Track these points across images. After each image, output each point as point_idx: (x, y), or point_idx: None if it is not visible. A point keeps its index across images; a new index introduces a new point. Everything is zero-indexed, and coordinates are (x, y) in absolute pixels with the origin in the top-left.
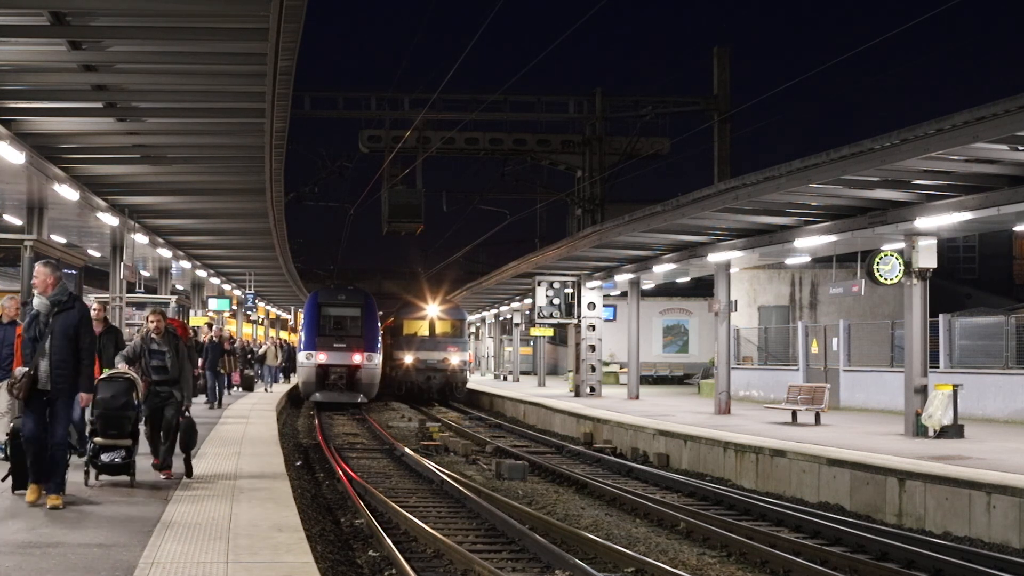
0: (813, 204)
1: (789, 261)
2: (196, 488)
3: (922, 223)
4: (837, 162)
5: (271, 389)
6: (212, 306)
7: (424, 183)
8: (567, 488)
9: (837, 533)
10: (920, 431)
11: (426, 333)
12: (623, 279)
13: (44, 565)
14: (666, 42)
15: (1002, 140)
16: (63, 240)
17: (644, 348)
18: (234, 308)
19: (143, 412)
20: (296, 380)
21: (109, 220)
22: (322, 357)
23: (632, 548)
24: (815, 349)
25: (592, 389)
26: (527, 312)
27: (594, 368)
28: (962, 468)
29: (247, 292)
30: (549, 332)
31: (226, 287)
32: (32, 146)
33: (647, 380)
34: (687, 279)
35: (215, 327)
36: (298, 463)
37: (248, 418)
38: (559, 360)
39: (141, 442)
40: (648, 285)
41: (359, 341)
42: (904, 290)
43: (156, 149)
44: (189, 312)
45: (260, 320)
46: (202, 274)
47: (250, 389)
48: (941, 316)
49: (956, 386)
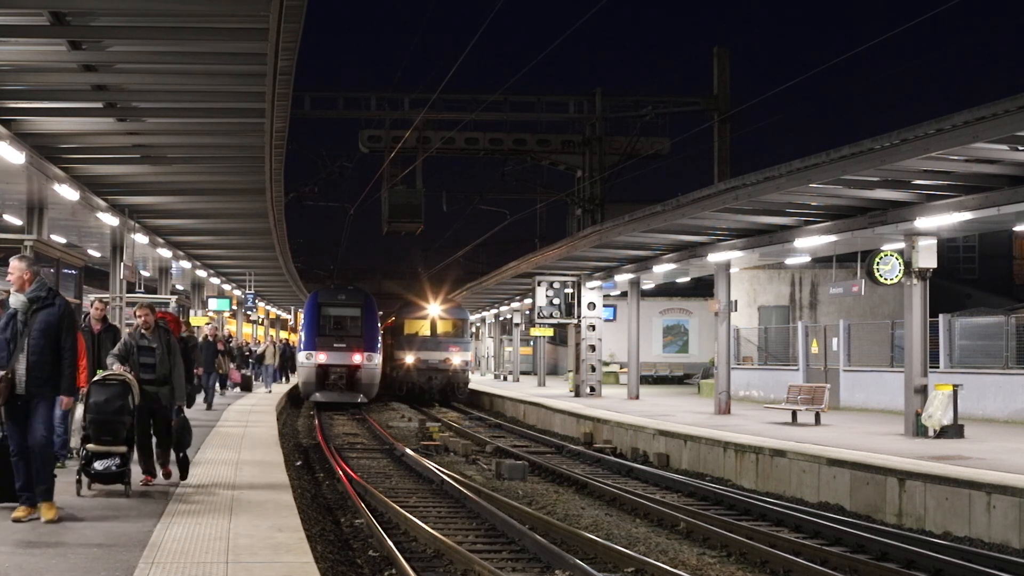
0: (813, 204)
1: (789, 261)
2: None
3: (922, 223)
4: (837, 162)
5: (270, 389)
6: (212, 306)
7: (424, 183)
8: (567, 488)
9: (837, 533)
10: (920, 431)
11: (427, 333)
12: (623, 279)
13: None
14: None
15: (1002, 140)
16: (63, 240)
17: (644, 348)
18: (234, 308)
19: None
20: (295, 380)
21: (109, 220)
22: (322, 357)
23: (632, 548)
24: (815, 349)
25: (592, 389)
26: (527, 312)
27: (594, 368)
28: (962, 468)
29: (247, 292)
30: (549, 332)
31: (226, 287)
32: (32, 146)
33: (647, 380)
34: (687, 279)
35: (209, 326)
36: (298, 463)
37: (247, 422)
38: (559, 360)
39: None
40: (648, 285)
41: (359, 341)
42: (904, 290)
43: (156, 149)
44: (189, 312)
45: (260, 320)
46: (202, 274)
47: (248, 389)
48: (941, 316)
49: (956, 386)
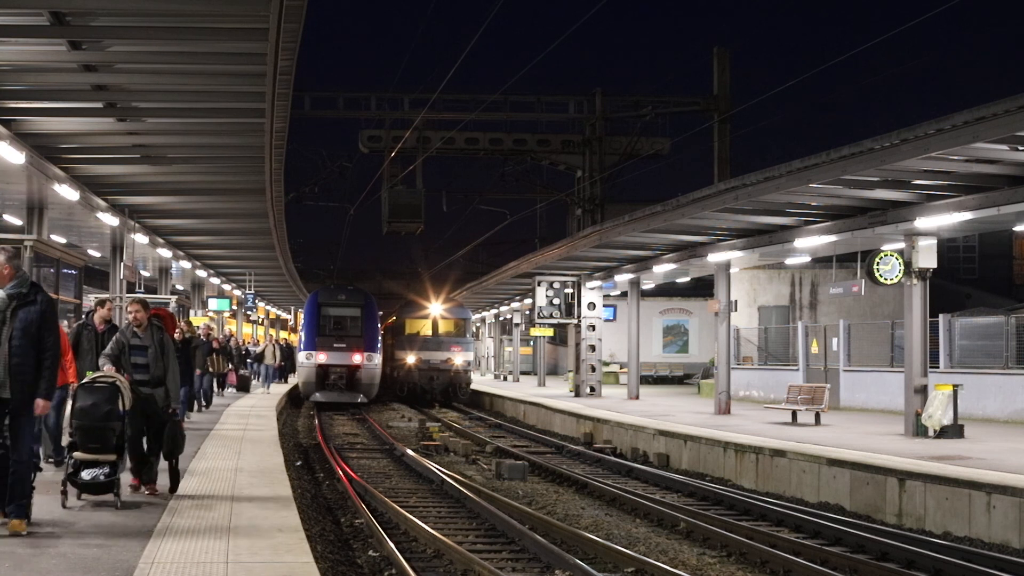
0: (813, 204)
1: (789, 261)
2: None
3: (922, 223)
4: (837, 162)
5: (270, 390)
6: (212, 306)
7: (424, 183)
8: (567, 488)
9: (837, 533)
10: (920, 431)
11: (429, 332)
12: (623, 279)
13: None
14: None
15: (1002, 140)
16: (63, 240)
17: (644, 348)
18: (234, 308)
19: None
20: (295, 380)
21: (109, 220)
22: (322, 357)
23: (632, 548)
24: (815, 349)
25: (592, 389)
26: (527, 312)
27: (594, 368)
28: (962, 468)
29: (247, 292)
30: (549, 332)
31: (226, 287)
32: (32, 146)
33: (647, 380)
34: (687, 279)
35: (203, 325)
36: (298, 463)
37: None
38: (559, 360)
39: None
40: (648, 285)
41: (359, 341)
42: (904, 290)
43: (156, 149)
44: (189, 312)
45: (260, 320)
46: (202, 274)
47: (246, 390)
48: (941, 316)
49: (956, 386)
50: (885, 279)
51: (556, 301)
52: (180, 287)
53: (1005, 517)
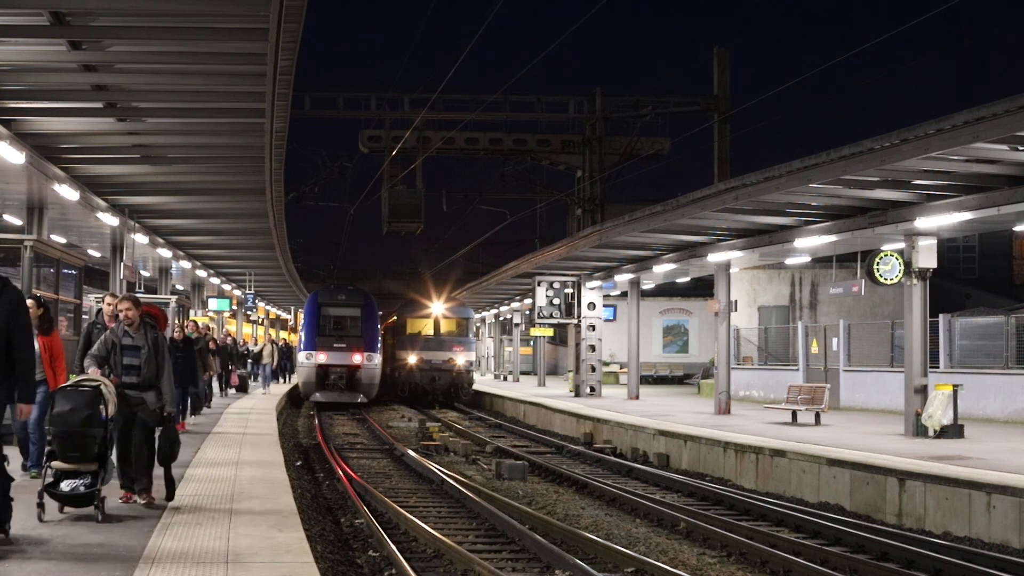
0: (813, 204)
1: (789, 261)
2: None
3: (922, 223)
4: (837, 162)
5: (269, 391)
6: (212, 306)
7: (424, 183)
8: (567, 488)
9: (837, 533)
10: (920, 431)
11: (430, 332)
12: (623, 279)
13: None
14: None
15: (1002, 140)
16: (63, 240)
17: (644, 348)
18: (234, 308)
19: (114, 426)
20: (294, 381)
21: (109, 220)
22: (322, 357)
23: (632, 548)
24: (815, 349)
25: (592, 389)
26: (527, 312)
27: (594, 368)
28: (962, 468)
29: (247, 292)
30: (549, 332)
31: (226, 287)
32: (32, 146)
33: (647, 380)
34: (687, 279)
35: (201, 325)
36: (298, 463)
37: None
38: (559, 360)
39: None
40: (648, 285)
41: (359, 341)
42: (904, 290)
43: (156, 149)
44: (189, 312)
45: (260, 320)
46: (202, 274)
47: (244, 390)
48: (941, 316)
49: (956, 386)
50: (885, 279)
51: (556, 301)
52: (180, 287)
53: (1005, 517)
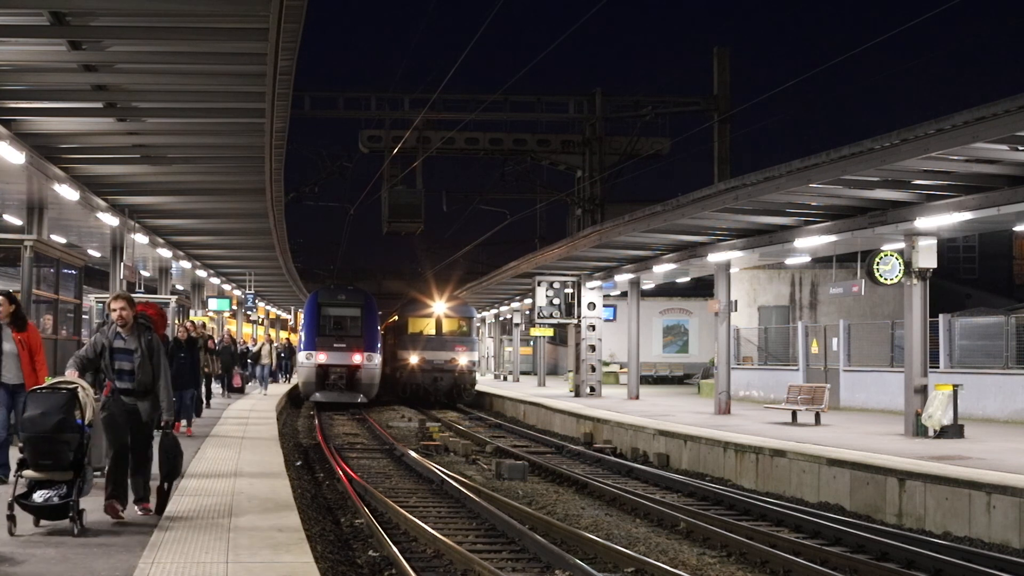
0: (813, 204)
1: (789, 261)
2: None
3: (922, 223)
4: (837, 162)
5: (267, 391)
6: (212, 306)
7: (424, 183)
8: (567, 488)
9: (837, 533)
10: (920, 431)
11: (432, 332)
12: (623, 279)
13: None
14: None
15: (1002, 140)
16: (63, 240)
17: (644, 348)
18: (234, 308)
19: (91, 433)
20: (294, 381)
21: (109, 220)
22: (322, 357)
23: (632, 548)
24: (815, 349)
25: (592, 389)
26: (527, 312)
27: (594, 368)
28: (962, 468)
29: (247, 292)
30: (549, 332)
31: (226, 287)
32: (32, 146)
33: (647, 380)
34: (687, 279)
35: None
36: (298, 463)
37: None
38: (559, 360)
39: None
40: (648, 285)
41: (359, 341)
42: (904, 290)
43: (156, 149)
44: (189, 312)
45: (260, 320)
46: (202, 274)
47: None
48: (941, 316)
49: (956, 386)
50: (885, 279)
51: (556, 301)
52: (180, 287)
53: (1005, 517)
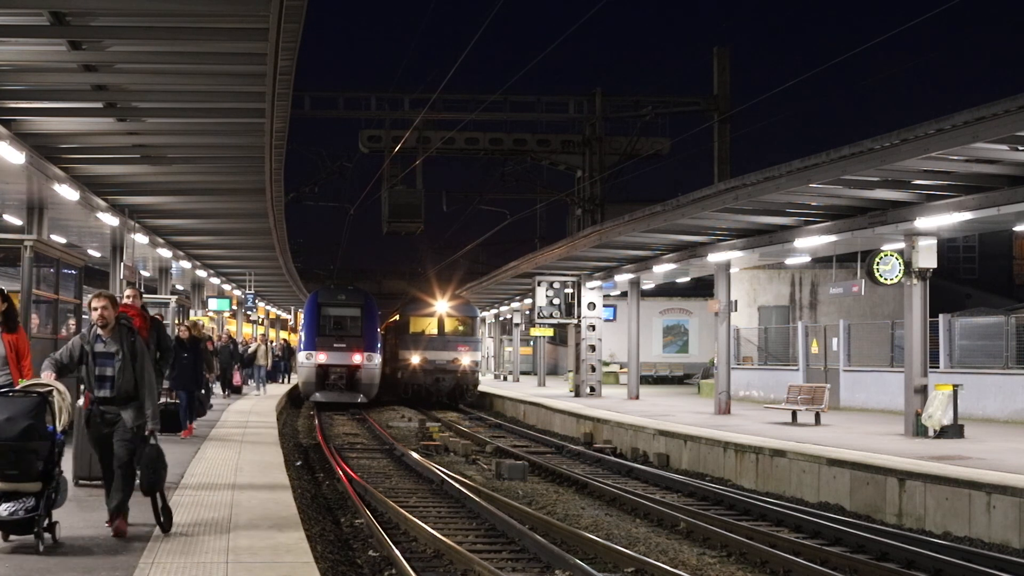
0: (813, 204)
1: (789, 261)
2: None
3: (922, 223)
4: (837, 162)
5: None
6: (212, 306)
7: (424, 183)
8: (567, 488)
9: (837, 533)
10: (920, 431)
11: (435, 331)
12: (623, 279)
13: None
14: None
15: (1002, 140)
16: (63, 240)
17: (644, 348)
18: (234, 308)
19: (64, 441)
20: (294, 381)
21: (109, 220)
22: (322, 357)
23: (632, 548)
24: (815, 349)
25: (592, 389)
26: (527, 312)
27: (594, 368)
28: (962, 468)
29: (247, 292)
30: (549, 332)
31: (226, 287)
32: (32, 146)
33: (647, 380)
34: (687, 279)
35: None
36: (298, 463)
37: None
38: (559, 360)
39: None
40: (648, 285)
41: (359, 341)
42: (904, 290)
43: (156, 149)
44: (189, 312)
45: (260, 320)
46: (202, 274)
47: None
48: (941, 316)
49: (956, 386)
50: (885, 279)
51: (556, 301)
52: (180, 287)
53: (1005, 517)
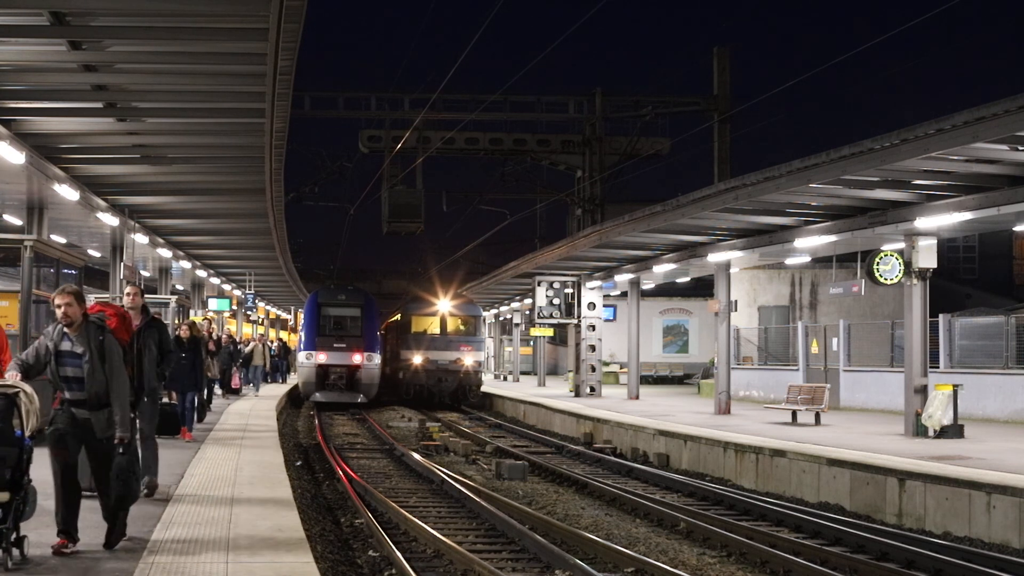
0: (813, 204)
1: (789, 261)
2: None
3: (922, 223)
4: (837, 162)
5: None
6: (212, 306)
7: (424, 183)
8: (567, 488)
9: (837, 533)
10: (920, 431)
11: (437, 331)
12: (623, 279)
13: None
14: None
15: (1002, 140)
16: (63, 240)
17: (644, 348)
18: (234, 308)
19: (33, 447)
20: (292, 381)
21: (109, 220)
22: (322, 357)
23: (632, 548)
24: (815, 349)
25: (592, 389)
26: (527, 312)
27: (594, 368)
28: (962, 468)
29: (247, 292)
30: (549, 332)
31: (226, 287)
32: (32, 146)
33: (647, 380)
34: (687, 279)
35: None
36: (298, 463)
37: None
38: (559, 360)
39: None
40: (648, 285)
41: (359, 341)
42: (904, 290)
43: (156, 149)
44: (189, 312)
45: (260, 320)
46: (202, 274)
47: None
48: (941, 316)
49: (956, 386)
50: (885, 279)
51: (556, 301)
52: (180, 287)
53: (1005, 517)
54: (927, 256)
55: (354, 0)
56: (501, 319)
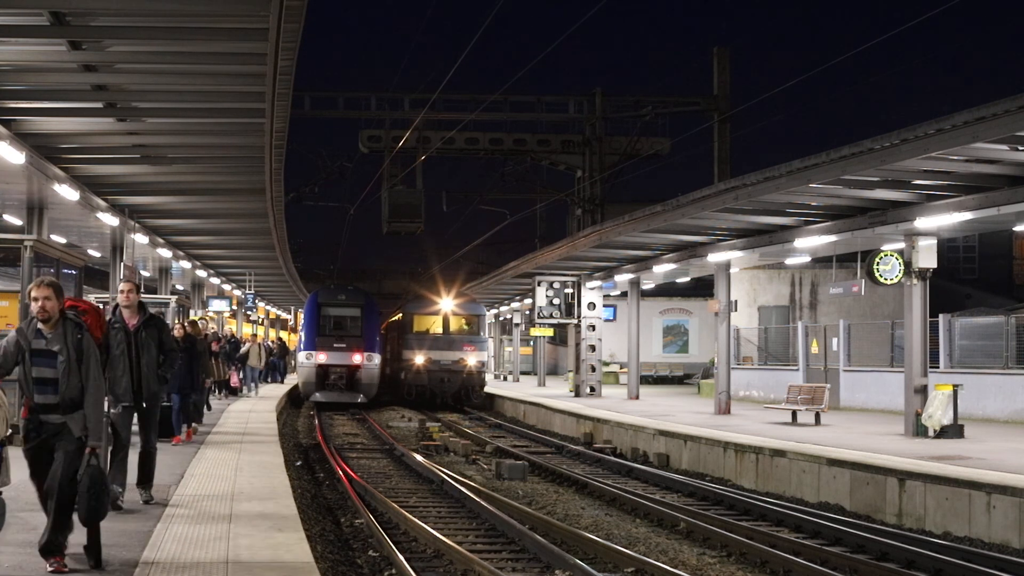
0: (813, 204)
1: (789, 261)
2: None
3: (922, 223)
4: (837, 162)
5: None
6: (212, 306)
7: (424, 183)
8: (567, 488)
9: (837, 533)
10: (920, 431)
11: (439, 330)
12: (623, 279)
13: None
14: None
15: (1002, 140)
16: (63, 240)
17: (644, 348)
18: (234, 308)
19: (2, 455)
20: (291, 382)
21: (109, 220)
22: (322, 357)
23: (632, 548)
24: (815, 349)
25: (592, 389)
26: (527, 312)
27: (594, 368)
28: (962, 468)
29: (247, 292)
30: (549, 332)
31: (226, 287)
32: (32, 146)
33: (647, 380)
34: (687, 279)
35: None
36: (298, 463)
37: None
38: (559, 360)
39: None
40: (648, 285)
41: (359, 341)
42: (904, 290)
43: (156, 149)
44: (189, 312)
45: (260, 320)
46: (202, 274)
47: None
48: (941, 316)
49: (956, 386)
50: (885, 279)
51: (556, 301)
52: (180, 287)
53: (1005, 517)
54: (927, 256)
55: (355, 1)
56: (501, 319)
